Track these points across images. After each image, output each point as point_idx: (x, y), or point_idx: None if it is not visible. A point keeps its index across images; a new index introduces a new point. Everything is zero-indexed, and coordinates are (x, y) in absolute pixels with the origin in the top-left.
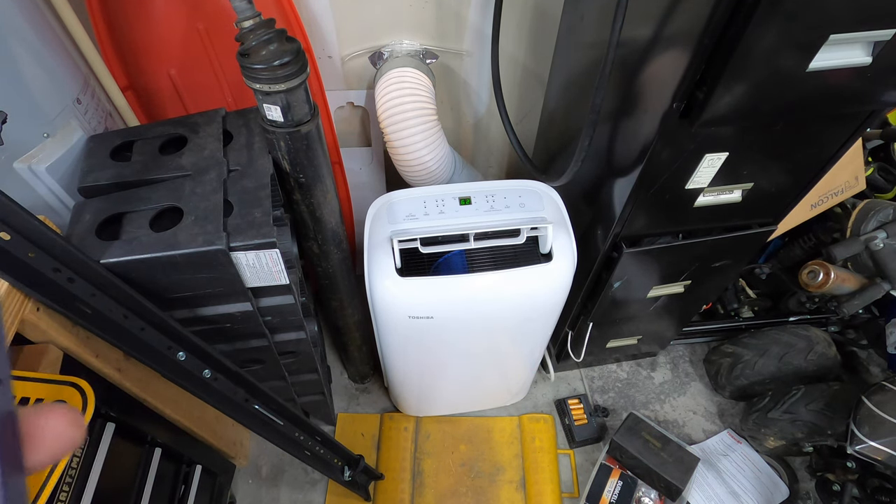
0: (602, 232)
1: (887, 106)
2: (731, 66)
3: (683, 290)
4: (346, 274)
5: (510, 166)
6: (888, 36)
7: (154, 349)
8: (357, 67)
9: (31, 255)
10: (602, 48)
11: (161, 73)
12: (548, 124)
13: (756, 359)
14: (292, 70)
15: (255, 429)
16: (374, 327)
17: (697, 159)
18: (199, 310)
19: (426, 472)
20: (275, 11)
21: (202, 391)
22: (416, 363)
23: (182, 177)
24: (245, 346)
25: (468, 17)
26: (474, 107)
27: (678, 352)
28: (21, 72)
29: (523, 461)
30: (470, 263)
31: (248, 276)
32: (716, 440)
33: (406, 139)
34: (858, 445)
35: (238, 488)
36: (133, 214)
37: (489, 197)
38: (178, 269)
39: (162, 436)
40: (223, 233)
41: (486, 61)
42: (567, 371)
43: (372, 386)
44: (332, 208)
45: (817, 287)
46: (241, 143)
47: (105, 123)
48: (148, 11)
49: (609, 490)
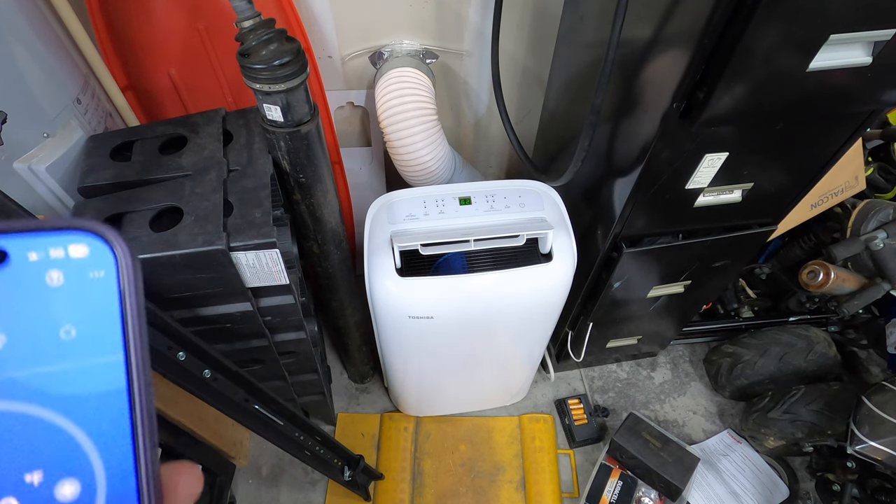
0: (602, 232)
1: (887, 106)
2: (732, 66)
3: (683, 290)
4: (346, 274)
5: (510, 166)
6: (888, 36)
7: (154, 349)
8: (357, 67)
9: None
10: (602, 48)
11: (161, 73)
12: (548, 124)
13: (756, 359)
14: (292, 70)
15: (255, 429)
16: (374, 327)
17: (697, 159)
18: (199, 310)
19: (426, 472)
20: (275, 11)
21: (202, 391)
22: (416, 363)
23: (182, 177)
24: (245, 346)
25: (468, 17)
26: (474, 107)
27: (678, 352)
28: (21, 72)
29: (523, 461)
30: (470, 263)
31: (248, 276)
32: (716, 440)
33: (406, 139)
34: (858, 445)
35: (238, 488)
36: (133, 214)
37: (489, 197)
38: (178, 270)
39: (162, 436)
40: (223, 233)
41: (486, 61)
42: (567, 371)
43: (372, 386)
44: (332, 208)
45: (817, 287)
46: (241, 143)
47: (105, 123)
48: (148, 11)
49: (609, 490)
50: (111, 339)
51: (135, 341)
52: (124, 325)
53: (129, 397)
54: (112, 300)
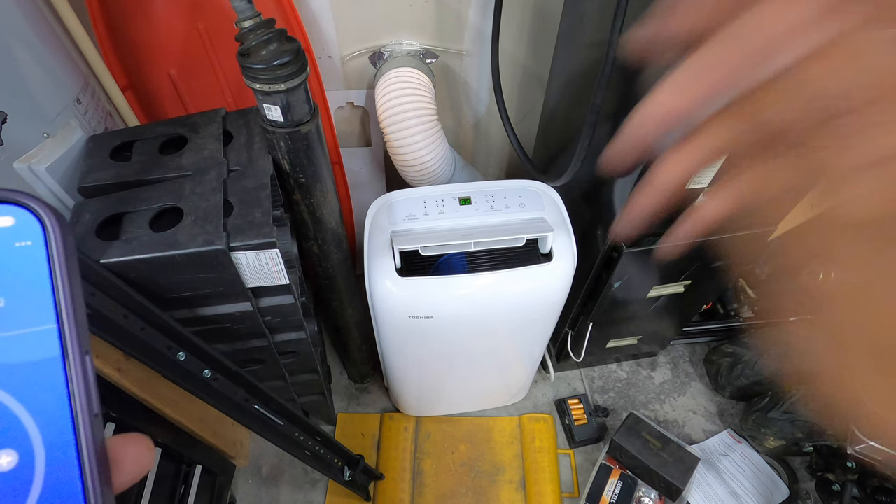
0: (602, 232)
1: None
2: None
3: (683, 290)
4: (346, 274)
5: (510, 166)
6: None
7: (154, 349)
8: (357, 67)
9: None
10: (602, 48)
11: (161, 73)
12: (548, 124)
13: (756, 359)
14: (292, 70)
15: (255, 429)
16: (374, 327)
17: None
18: (199, 310)
19: (426, 472)
20: (275, 11)
21: (202, 391)
22: (416, 363)
23: (182, 177)
24: (245, 346)
25: (468, 17)
26: (474, 107)
27: (678, 352)
28: (21, 72)
29: (523, 461)
30: (470, 263)
31: (248, 276)
32: (716, 440)
33: (406, 139)
34: (858, 445)
35: (238, 488)
36: (133, 214)
37: (489, 197)
38: (178, 269)
39: (162, 436)
40: (223, 233)
41: (486, 61)
42: (567, 371)
43: (372, 386)
44: (332, 208)
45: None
46: (241, 143)
47: (105, 123)
48: (148, 11)
49: (609, 490)
50: (42, 307)
51: (67, 309)
52: (55, 294)
53: (63, 366)
54: (41, 269)
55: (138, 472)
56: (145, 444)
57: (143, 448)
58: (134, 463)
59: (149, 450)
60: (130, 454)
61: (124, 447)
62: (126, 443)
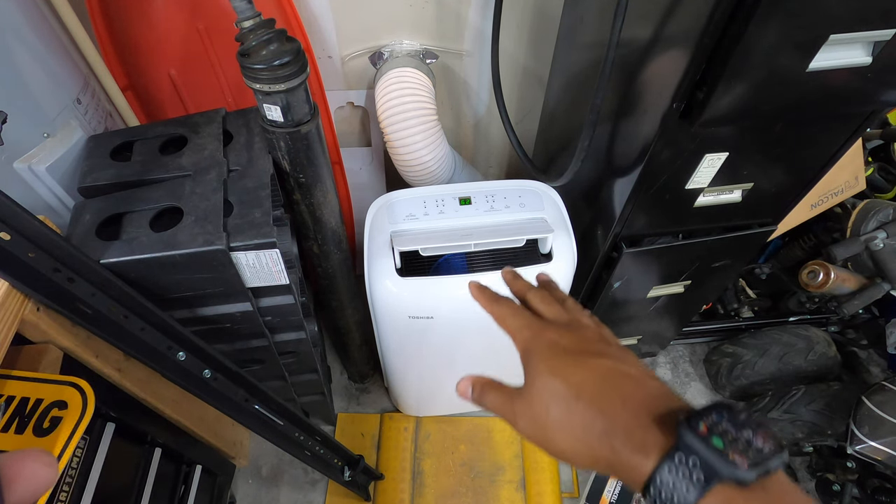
0: (602, 232)
1: (887, 106)
2: (731, 66)
3: (683, 290)
4: (346, 274)
5: (510, 166)
6: (888, 36)
7: (154, 349)
8: (357, 67)
9: (31, 255)
10: (602, 48)
11: (161, 73)
12: (548, 124)
13: (756, 359)
14: (292, 70)
15: (255, 429)
16: (374, 327)
17: (697, 159)
18: (199, 310)
19: (426, 472)
20: (275, 11)
21: (202, 391)
22: (416, 363)
23: (182, 177)
24: (245, 346)
25: (468, 17)
26: (474, 107)
27: (678, 352)
28: (21, 72)
29: (523, 461)
30: (470, 263)
31: (248, 276)
32: None
33: (406, 139)
34: (858, 445)
35: (238, 488)
36: (133, 214)
37: (489, 197)
38: (178, 269)
39: (162, 436)
40: (223, 233)
41: (486, 61)
42: None
43: (372, 386)
44: (332, 208)
45: (817, 287)
46: (241, 143)
47: (105, 123)
48: (148, 11)
49: (609, 490)
50: None
51: None
52: None
53: None
54: None
55: (35, 490)
56: (43, 461)
57: (39, 465)
58: (31, 480)
59: (48, 466)
60: (26, 472)
61: (20, 465)
62: (22, 459)
